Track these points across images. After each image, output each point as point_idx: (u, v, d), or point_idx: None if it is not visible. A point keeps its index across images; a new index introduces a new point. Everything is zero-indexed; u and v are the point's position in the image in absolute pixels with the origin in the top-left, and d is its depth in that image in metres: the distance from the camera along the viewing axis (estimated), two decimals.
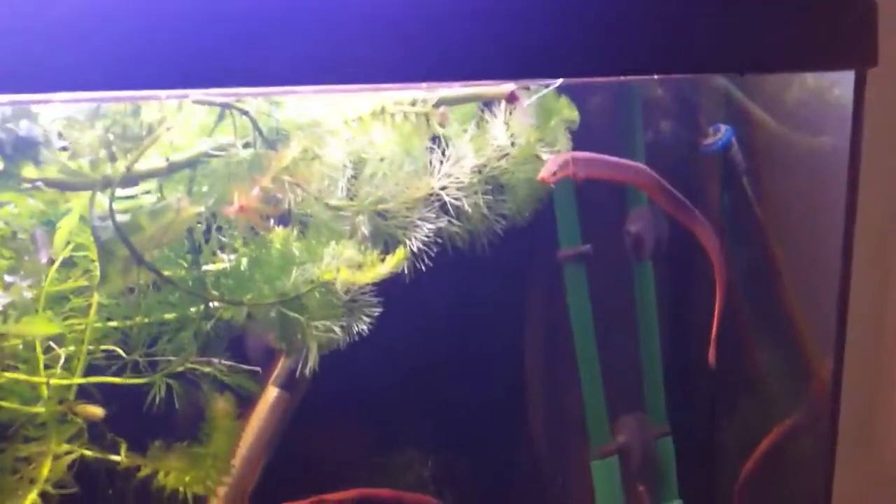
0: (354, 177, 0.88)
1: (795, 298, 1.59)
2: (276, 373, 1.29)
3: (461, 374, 1.33)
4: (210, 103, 0.74)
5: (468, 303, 1.34)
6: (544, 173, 1.03)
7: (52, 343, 0.88)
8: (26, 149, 0.67)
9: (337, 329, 0.87)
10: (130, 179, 0.77)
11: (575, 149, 1.08)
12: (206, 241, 0.86)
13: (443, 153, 0.93)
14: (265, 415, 1.29)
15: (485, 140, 0.95)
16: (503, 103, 0.97)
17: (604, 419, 1.42)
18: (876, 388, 1.77)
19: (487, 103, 0.98)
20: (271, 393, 1.29)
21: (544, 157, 1.00)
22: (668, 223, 1.45)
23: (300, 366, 0.93)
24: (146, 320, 0.84)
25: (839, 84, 1.39)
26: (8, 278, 0.69)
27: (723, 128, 1.50)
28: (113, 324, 0.90)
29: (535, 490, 1.46)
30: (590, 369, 1.41)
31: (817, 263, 1.45)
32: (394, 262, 1.00)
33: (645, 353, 1.48)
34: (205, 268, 0.88)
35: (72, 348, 0.89)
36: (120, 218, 0.73)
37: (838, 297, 1.42)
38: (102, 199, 0.74)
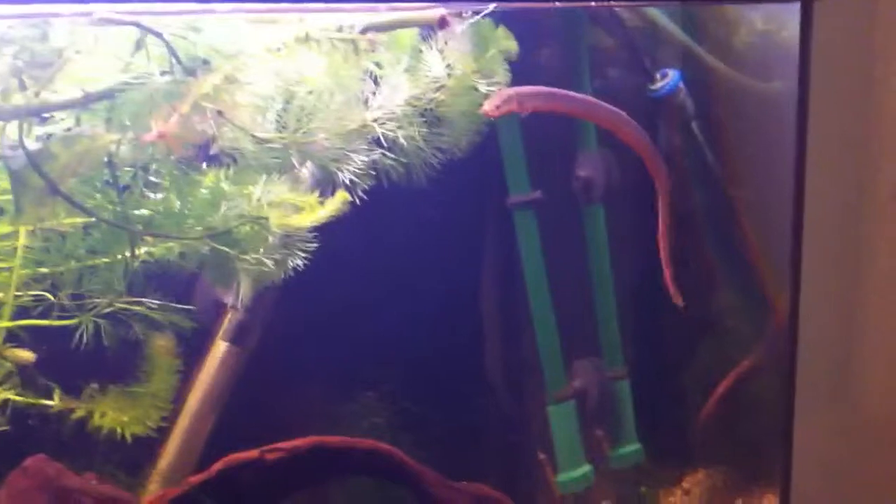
0: (284, 109, 0.86)
1: (753, 237, 1.60)
2: (224, 327, 1.28)
3: (419, 322, 1.32)
4: (117, 22, 0.72)
5: (428, 252, 1.32)
6: (487, 107, 1.01)
7: None
8: None
9: (269, 263, 0.85)
10: (45, 109, 0.74)
11: (515, 82, 1.07)
12: (134, 178, 0.84)
13: (375, 83, 0.91)
14: (215, 369, 1.28)
15: (419, 70, 0.93)
16: (440, 34, 0.95)
17: (559, 364, 1.42)
18: (848, 329, 1.79)
19: (426, 34, 0.96)
20: (220, 347, 1.28)
21: (482, 88, 0.98)
22: (618, 167, 1.44)
23: (237, 300, 0.91)
24: (73, 263, 0.82)
25: (788, 27, 1.39)
26: None
27: (670, 72, 1.49)
28: (43, 270, 0.87)
29: (493, 435, 1.46)
30: (544, 315, 1.40)
31: (775, 202, 1.46)
32: (334, 205, 0.98)
33: (599, 296, 1.47)
34: (138, 210, 0.87)
35: None
36: (32, 147, 0.70)
37: (791, 234, 1.42)
38: (15, 129, 0.72)
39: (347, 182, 0.88)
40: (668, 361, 1.59)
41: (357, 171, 0.88)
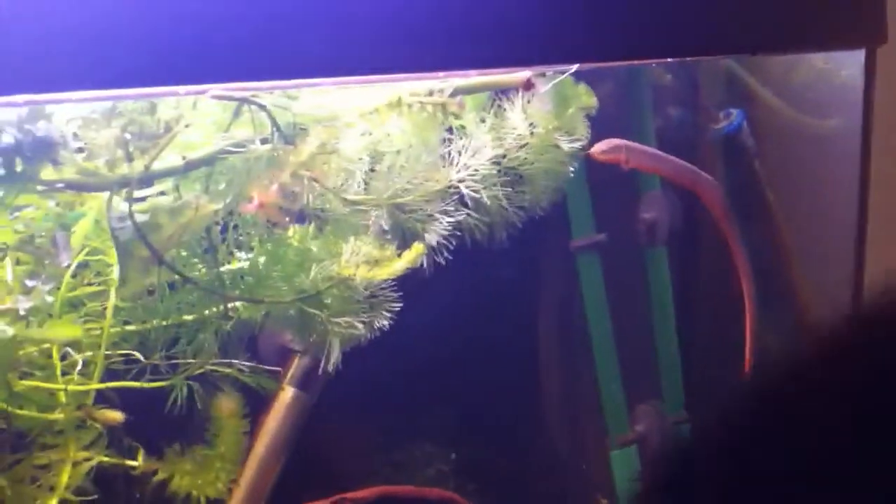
0: (372, 170, 0.86)
1: (807, 282, 1.58)
2: (291, 372, 1.28)
3: (479, 368, 1.32)
4: (228, 98, 0.73)
5: (485, 296, 1.32)
6: (595, 149, 1.05)
7: (69, 348, 0.87)
8: (43, 150, 0.65)
9: (359, 325, 0.86)
10: (147, 178, 0.75)
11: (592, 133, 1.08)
12: (224, 241, 0.85)
13: (461, 144, 0.91)
14: (281, 415, 1.27)
15: (503, 130, 0.93)
16: (520, 91, 0.95)
17: (622, 409, 1.41)
18: None
19: (503, 92, 0.96)
20: (287, 393, 1.27)
21: (564, 146, 0.98)
22: (681, 208, 1.43)
23: (322, 363, 0.91)
24: (164, 322, 0.83)
25: (847, 65, 1.38)
26: (29, 282, 0.68)
27: (733, 112, 1.48)
28: (131, 327, 0.88)
29: (556, 481, 1.45)
30: (606, 359, 1.39)
31: (831, 246, 1.44)
32: (411, 257, 0.98)
33: (661, 340, 1.46)
34: (225, 267, 0.87)
35: (89, 353, 0.87)
36: (138, 218, 0.71)
37: (853, 280, 1.40)
38: (119, 200, 0.73)
39: (434, 244, 0.88)
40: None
41: (443, 231, 0.89)
